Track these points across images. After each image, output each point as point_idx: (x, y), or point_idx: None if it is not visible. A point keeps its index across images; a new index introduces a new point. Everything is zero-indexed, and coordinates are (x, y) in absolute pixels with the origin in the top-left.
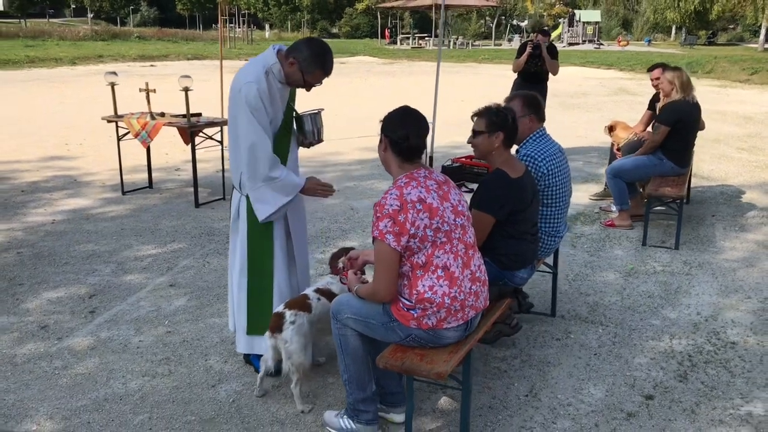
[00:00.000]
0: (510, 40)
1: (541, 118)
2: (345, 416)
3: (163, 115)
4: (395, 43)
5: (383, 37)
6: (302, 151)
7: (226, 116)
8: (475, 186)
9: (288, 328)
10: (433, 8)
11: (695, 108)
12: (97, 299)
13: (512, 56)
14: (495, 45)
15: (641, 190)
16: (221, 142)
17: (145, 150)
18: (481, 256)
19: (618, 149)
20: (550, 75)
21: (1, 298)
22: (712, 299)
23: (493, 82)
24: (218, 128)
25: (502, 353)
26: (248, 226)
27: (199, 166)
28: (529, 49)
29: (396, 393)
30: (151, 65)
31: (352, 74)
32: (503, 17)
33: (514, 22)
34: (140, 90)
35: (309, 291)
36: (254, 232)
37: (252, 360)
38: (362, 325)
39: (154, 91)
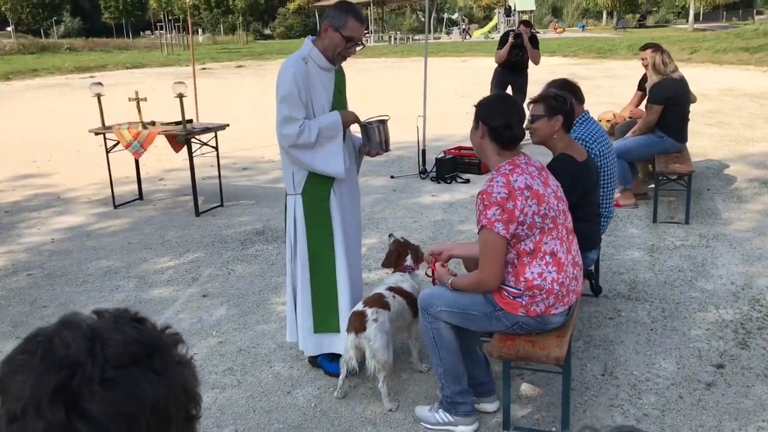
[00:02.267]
0: (449, 33)
1: (581, 100)
2: (441, 410)
3: (153, 123)
4: None
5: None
6: (271, 153)
7: (205, 121)
8: (468, 176)
9: (371, 326)
10: (370, 5)
11: (681, 83)
12: None
13: (455, 49)
14: (434, 39)
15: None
16: (216, 148)
17: (126, 161)
18: (577, 240)
19: (611, 132)
20: (531, 64)
21: (29, 323)
22: (740, 269)
23: (454, 74)
24: (212, 134)
25: None
26: (307, 225)
27: (184, 174)
28: (511, 40)
29: (486, 382)
30: (91, 77)
31: None
32: (436, 11)
33: (445, 15)
34: (130, 99)
35: (382, 289)
36: (314, 229)
37: (320, 363)
38: (459, 316)
39: (145, 99)
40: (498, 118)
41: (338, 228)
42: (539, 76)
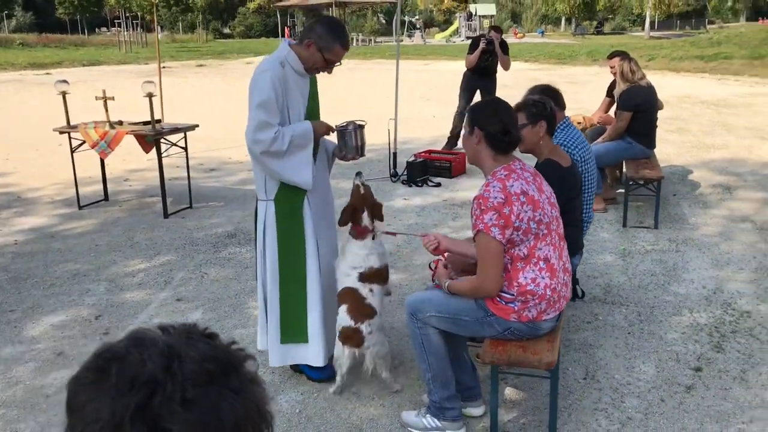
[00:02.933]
0: (410, 36)
1: (562, 107)
2: (428, 415)
3: (121, 123)
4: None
5: (284, 35)
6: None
7: (170, 121)
8: (440, 180)
9: (367, 340)
10: (333, 6)
11: (650, 90)
12: (105, 319)
13: (418, 52)
14: (396, 41)
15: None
16: (185, 149)
17: (89, 161)
18: (566, 246)
19: None
20: (500, 69)
21: None
22: (710, 273)
23: (418, 77)
24: (182, 134)
25: None
26: (278, 234)
27: (150, 174)
28: (482, 45)
29: (472, 387)
30: (47, 74)
31: None
32: (394, 14)
33: (405, 18)
34: (97, 98)
35: (354, 280)
36: (285, 238)
37: (303, 368)
38: (449, 322)
39: (113, 98)
40: (495, 123)
41: (311, 237)
42: (503, 81)
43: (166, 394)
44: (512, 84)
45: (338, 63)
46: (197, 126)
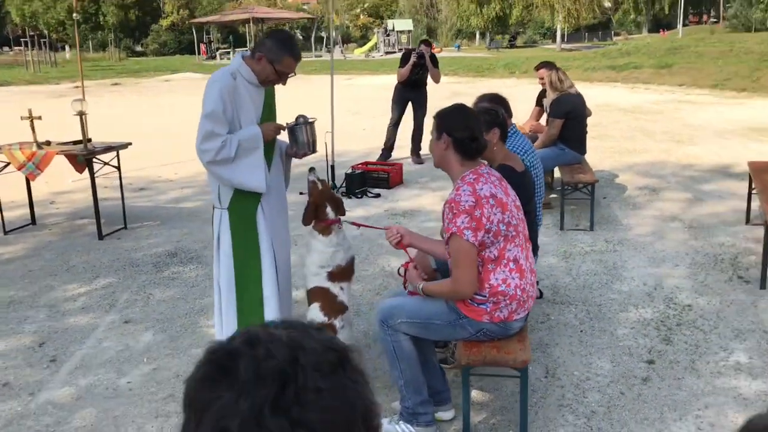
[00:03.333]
0: (330, 51)
1: (510, 114)
2: (401, 422)
3: (49, 143)
4: (214, 58)
5: (200, 52)
6: (167, 173)
7: (101, 140)
8: (378, 191)
9: (340, 334)
10: (251, 22)
11: (579, 98)
12: (49, 347)
13: (339, 67)
14: (316, 57)
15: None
16: (118, 168)
17: (11, 184)
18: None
19: None
20: (430, 81)
21: None
22: (648, 271)
23: (342, 91)
24: (114, 153)
25: None
26: (233, 241)
27: (76, 196)
28: (413, 59)
29: (442, 391)
30: None
31: (185, 91)
32: (312, 30)
33: (322, 33)
34: (22, 118)
35: (323, 279)
36: (240, 246)
37: None
38: (420, 327)
39: (40, 117)
40: (462, 129)
41: (265, 243)
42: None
43: (298, 385)
44: (436, 96)
45: (292, 74)
46: (130, 144)
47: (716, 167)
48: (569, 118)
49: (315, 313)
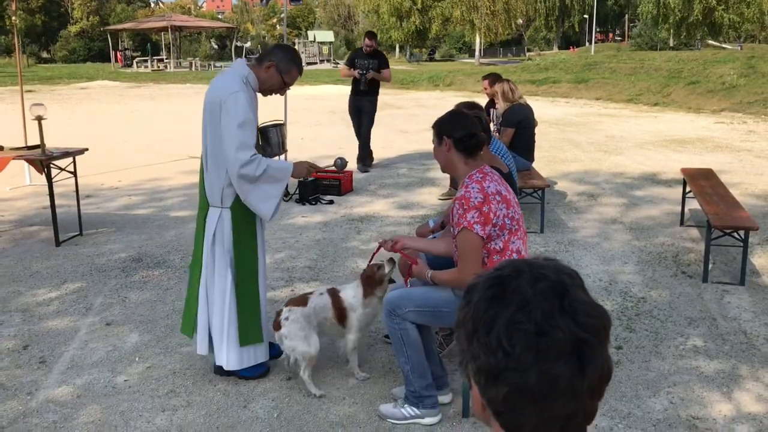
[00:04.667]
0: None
1: None
2: (407, 405)
3: (2, 148)
4: (130, 66)
5: (116, 60)
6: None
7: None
8: (331, 197)
9: (284, 325)
10: (169, 30)
11: (529, 109)
12: (35, 349)
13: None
14: None
15: None
16: (74, 174)
17: None
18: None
19: None
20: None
21: None
22: (601, 268)
23: (269, 101)
24: (71, 159)
25: None
26: (234, 240)
27: (20, 203)
28: (356, 75)
29: (441, 376)
30: None
31: (107, 100)
32: (227, 39)
33: (239, 43)
34: None
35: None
36: (240, 245)
37: (243, 374)
38: (428, 315)
39: None
40: (460, 129)
41: (261, 243)
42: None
43: (570, 298)
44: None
45: (289, 87)
46: (87, 149)
47: (644, 175)
48: (520, 128)
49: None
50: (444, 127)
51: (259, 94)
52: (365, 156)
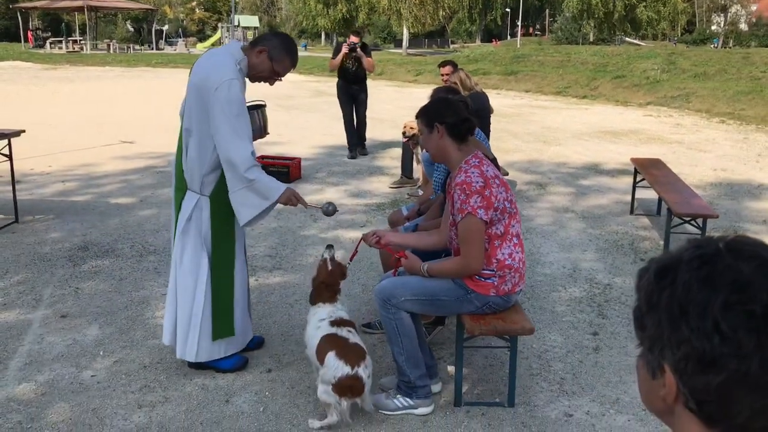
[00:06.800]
0: (171, 45)
1: None
2: (399, 395)
3: None
4: (42, 47)
5: (26, 40)
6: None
7: None
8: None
9: (367, 385)
10: (85, 10)
11: (485, 96)
12: None
13: (186, 61)
14: (158, 50)
15: None
16: (10, 157)
17: None
18: None
19: (408, 140)
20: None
21: None
22: (563, 255)
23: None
24: (6, 141)
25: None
26: (212, 230)
27: None
28: (345, 49)
29: (431, 366)
30: None
31: (22, 81)
32: (144, 22)
33: (157, 26)
34: None
35: (336, 330)
36: (219, 236)
37: (210, 363)
38: (425, 303)
39: None
40: (451, 115)
41: (239, 231)
42: (286, 91)
43: None
44: (295, 94)
45: (280, 78)
46: (23, 131)
47: (586, 165)
48: (478, 116)
49: (334, 365)
50: (435, 115)
51: (247, 80)
52: (362, 142)
